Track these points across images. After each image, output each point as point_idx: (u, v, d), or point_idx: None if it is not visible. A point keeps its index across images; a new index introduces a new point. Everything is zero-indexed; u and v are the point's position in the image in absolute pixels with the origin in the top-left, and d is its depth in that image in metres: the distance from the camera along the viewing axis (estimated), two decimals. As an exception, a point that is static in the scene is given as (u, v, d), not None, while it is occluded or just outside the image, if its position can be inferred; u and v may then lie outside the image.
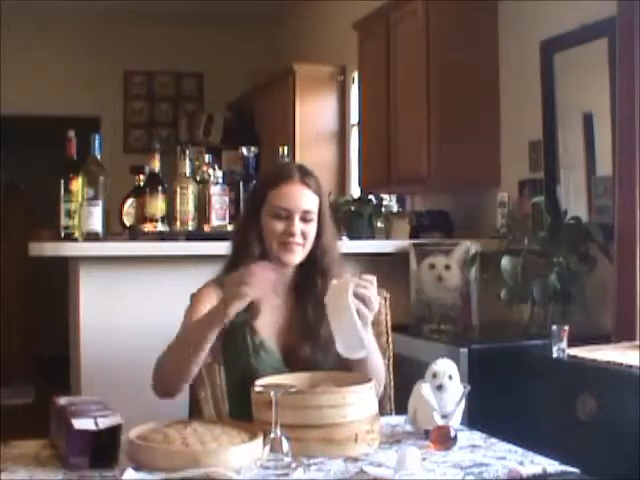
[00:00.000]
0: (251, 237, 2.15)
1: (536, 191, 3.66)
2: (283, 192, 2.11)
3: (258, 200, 2.17)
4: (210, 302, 2.13)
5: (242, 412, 1.89)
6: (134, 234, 3.37)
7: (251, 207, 2.23)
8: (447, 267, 3.53)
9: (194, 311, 2.13)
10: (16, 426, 3.61)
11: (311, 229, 2.13)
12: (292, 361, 2.09)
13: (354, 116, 5.56)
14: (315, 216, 2.14)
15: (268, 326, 2.16)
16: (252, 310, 2.13)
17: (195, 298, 2.21)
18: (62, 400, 1.78)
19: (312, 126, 5.76)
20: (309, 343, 2.13)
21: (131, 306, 3.32)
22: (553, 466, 1.67)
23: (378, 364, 2.11)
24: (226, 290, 1.91)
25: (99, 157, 3.23)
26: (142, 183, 3.41)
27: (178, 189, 3.37)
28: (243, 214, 2.43)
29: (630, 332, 2.99)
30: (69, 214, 3.24)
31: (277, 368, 2.05)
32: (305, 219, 2.12)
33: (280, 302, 2.18)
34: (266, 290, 1.86)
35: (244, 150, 3.49)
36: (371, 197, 4.54)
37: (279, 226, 2.11)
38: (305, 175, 2.15)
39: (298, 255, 2.13)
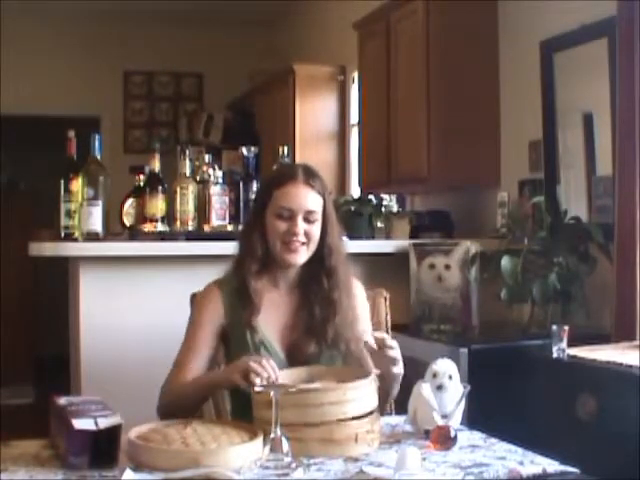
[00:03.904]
0: (255, 237, 2.16)
1: (536, 191, 3.66)
2: (287, 192, 2.12)
3: (262, 200, 2.18)
4: (213, 305, 2.14)
5: (244, 412, 1.89)
6: (134, 234, 3.37)
7: (256, 207, 2.24)
8: (447, 267, 3.53)
9: (198, 319, 2.18)
10: (16, 426, 3.61)
11: (315, 229, 2.13)
12: (296, 360, 2.09)
13: (354, 116, 5.56)
14: (319, 216, 2.14)
15: (270, 325, 2.16)
16: (251, 309, 2.14)
17: (197, 302, 2.22)
18: (62, 400, 1.78)
19: (312, 126, 5.76)
20: (315, 341, 2.14)
21: (131, 306, 3.32)
22: (553, 466, 1.67)
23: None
24: (242, 365, 1.89)
25: (99, 157, 3.23)
26: (142, 183, 3.40)
27: (178, 189, 3.37)
28: (248, 215, 2.45)
29: (630, 332, 2.99)
30: (69, 214, 3.24)
31: (279, 367, 2.04)
32: (309, 219, 2.12)
33: (284, 301, 2.19)
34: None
35: (244, 150, 3.49)
36: (371, 197, 4.54)
37: (282, 226, 2.11)
38: (310, 176, 2.15)
39: (301, 255, 2.13)
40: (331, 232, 2.17)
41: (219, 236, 3.27)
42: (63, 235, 3.25)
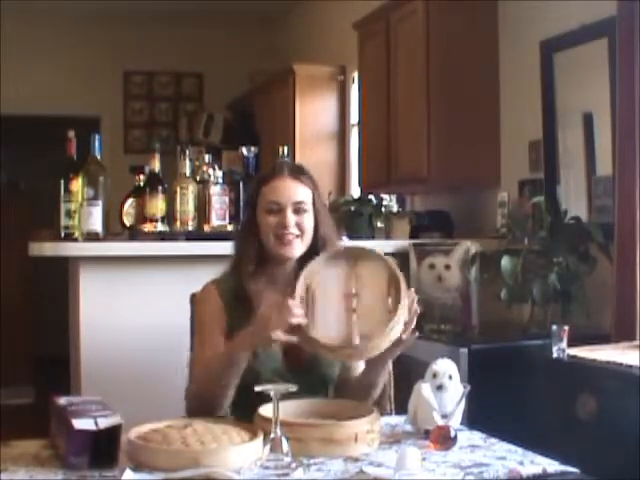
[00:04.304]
0: (249, 238, 2.16)
1: (536, 191, 3.66)
2: (274, 187, 2.12)
3: (252, 200, 2.19)
4: (214, 301, 2.14)
5: (244, 413, 1.89)
6: (134, 234, 3.37)
7: (247, 208, 2.25)
8: (447, 267, 3.53)
9: (204, 317, 2.16)
10: (16, 426, 3.61)
11: (306, 220, 2.12)
12: (294, 361, 2.08)
13: (354, 116, 5.56)
14: (309, 207, 2.13)
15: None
16: (251, 310, 2.13)
17: (198, 302, 2.22)
18: (62, 400, 1.78)
19: (312, 126, 5.76)
20: None
21: (131, 306, 3.32)
22: (553, 466, 1.67)
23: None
24: (258, 324, 1.90)
25: (99, 157, 3.23)
26: (142, 183, 3.40)
27: (178, 189, 3.37)
28: (242, 217, 2.44)
29: (630, 332, 2.99)
30: (69, 214, 3.24)
31: (277, 369, 2.04)
32: (298, 211, 2.11)
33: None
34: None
35: (244, 150, 3.49)
36: (371, 197, 4.54)
37: (273, 220, 2.11)
38: (295, 170, 2.16)
39: (296, 248, 2.12)
40: (323, 225, 2.16)
41: (219, 236, 3.27)
42: (63, 235, 3.25)
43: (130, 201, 3.42)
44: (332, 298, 1.90)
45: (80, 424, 1.61)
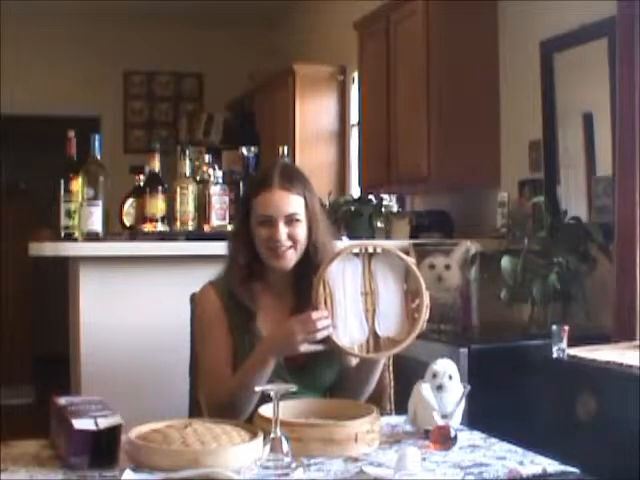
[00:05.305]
0: (239, 245, 2.16)
1: (536, 191, 3.66)
2: (264, 200, 2.09)
3: (244, 210, 2.18)
4: (213, 302, 2.15)
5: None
6: (134, 234, 3.37)
7: (239, 216, 2.25)
8: (447, 267, 3.53)
9: (206, 317, 2.16)
10: (16, 426, 3.61)
11: (299, 231, 2.11)
12: (294, 361, 2.08)
13: (354, 116, 5.57)
14: (302, 217, 2.11)
15: (267, 328, 2.13)
16: (247, 315, 2.13)
17: (198, 303, 2.22)
18: (62, 400, 1.78)
19: (312, 126, 5.76)
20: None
21: (131, 306, 3.32)
22: (553, 466, 1.67)
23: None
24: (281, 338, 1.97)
25: (99, 157, 3.23)
26: (142, 183, 3.40)
27: (178, 189, 3.36)
28: (234, 223, 2.44)
29: (630, 332, 2.99)
30: (69, 214, 3.24)
31: (275, 369, 2.04)
32: (291, 222, 2.10)
33: (279, 303, 2.18)
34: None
35: (244, 150, 3.48)
36: (371, 197, 4.54)
37: (265, 232, 2.09)
38: (286, 179, 2.11)
39: (289, 259, 2.11)
40: (316, 230, 2.14)
41: (219, 236, 3.27)
42: (63, 235, 3.25)
43: (130, 201, 3.42)
44: (349, 298, 1.93)
45: (80, 424, 1.61)
